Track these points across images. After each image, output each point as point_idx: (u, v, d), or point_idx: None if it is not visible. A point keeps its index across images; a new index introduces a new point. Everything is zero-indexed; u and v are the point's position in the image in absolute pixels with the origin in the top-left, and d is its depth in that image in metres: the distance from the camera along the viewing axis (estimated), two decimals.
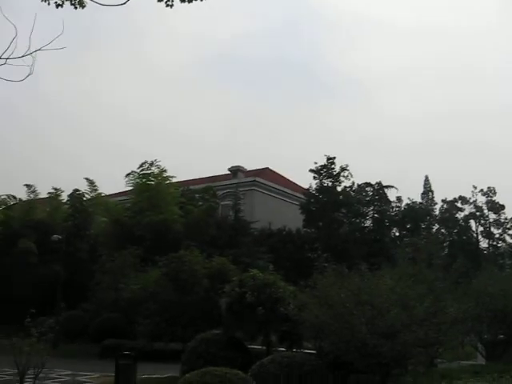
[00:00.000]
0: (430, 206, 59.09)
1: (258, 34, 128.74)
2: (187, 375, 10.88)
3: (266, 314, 14.23)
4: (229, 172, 53.32)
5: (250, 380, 10.82)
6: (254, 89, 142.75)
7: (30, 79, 8.05)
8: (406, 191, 78.40)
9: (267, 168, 57.32)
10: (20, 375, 9.88)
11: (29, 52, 7.96)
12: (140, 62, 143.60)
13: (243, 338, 16.37)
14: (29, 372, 11.00)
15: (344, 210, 44.50)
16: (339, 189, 43.88)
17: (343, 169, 43.20)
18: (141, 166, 38.18)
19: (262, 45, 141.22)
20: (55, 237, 34.85)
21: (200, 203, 40.24)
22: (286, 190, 53.63)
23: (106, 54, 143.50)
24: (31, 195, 45.58)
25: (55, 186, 45.54)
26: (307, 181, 46.00)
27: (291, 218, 45.11)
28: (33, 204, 44.29)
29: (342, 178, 43.43)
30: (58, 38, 7.92)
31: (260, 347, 16.87)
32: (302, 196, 46.04)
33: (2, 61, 8.07)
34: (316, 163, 43.29)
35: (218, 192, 43.81)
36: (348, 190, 45.05)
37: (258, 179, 50.39)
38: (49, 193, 45.77)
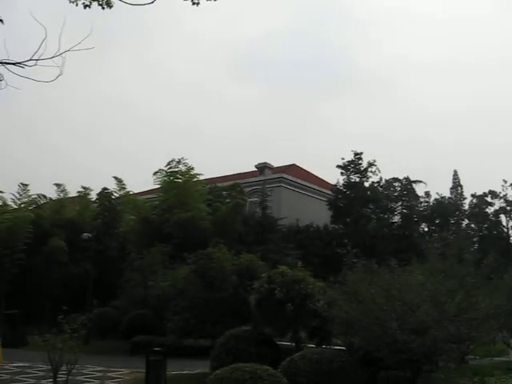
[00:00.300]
0: (459, 200, 58.25)
1: (281, 32, 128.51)
2: (217, 371, 10.92)
3: (295, 311, 14.22)
4: (256, 169, 53.35)
5: (279, 376, 10.83)
6: (280, 86, 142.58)
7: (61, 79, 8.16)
8: (434, 186, 77.63)
9: (294, 164, 57.21)
10: (53, 371, 10.03)
11: (58, 53, 8.08)
12: (162, 62, 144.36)
13: (272, 334, 16.38)
14: (62, 368, 11.15)
15: (372, 206, 44.23)
16: (367, 184, 43.66)
17: (371, 164, 42.96)
18: (168, 164, 38.42)
19: (284, 43, 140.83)
20: (85, 235, 35.26)
21: (227, 200, 40.34)
22: (313, 186, 53.46)
23: (126, 55, 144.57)
24: (61, 194, 46.26)
25: (84, 185, 46.15)
26: (334, 177, 45.92)
27: (318, 215, 45.01)
28: (63, 203, 44.93)
29: (369, 174, 43.25)
30: (86, 38, 8.03)
31: (289, 343, 16.85)
32: (330, 192, 45.88)
33: (33, 62, 8.21)
34: (343, 159, 43.16)
35: (245, 189, 43.85)
36: (376, 185, 44.76)
37: (284, 176, 50.33)
38: (78, 192, 46.38)
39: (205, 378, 13.38)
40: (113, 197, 46.61)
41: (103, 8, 9.44)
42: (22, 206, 44.37)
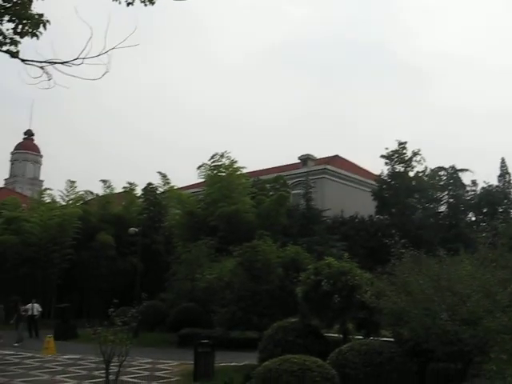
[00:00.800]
0: (508, 188, 56.85)
1: (324, 20, 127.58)
2: (266, 363, 10.97)
3: (342, 302, 14.15)
4: (299, 161, 53.18)
5: (328, 368, 10.81)
6: (322, 76, 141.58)
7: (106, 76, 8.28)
8: (481, 174, 76.14)
9: (337, 155, 56.83)
10: (105, 363, 10.23)
11: (104, 51, 8.21)
12: (203, 55, 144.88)
13: (319, 325, 16.35)
14: (113, 360, 11.36)
15: (417, 196, 43.51)
16: (411, 174, 42.97)
17: (415, 153, 42.26)
18: (212, 157, 38.70)
19: (328, 30, 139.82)
20: (132, 230, 35.78)
21: (271, 193, 40.43)
22: (356, 176, 53.00)
23: (169, 49, 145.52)
24: (107, 190, 47.03)
25: (129, 181, 46.87)
26: (378, 167, 45.39)
27: (363, 206, 44.60)
28: (109, 199, 45.69)
29: (414, 163, 42.52)
30: (131, 35, 8.12)
31: (336, 335, 16.80)
32: (374, 182, 45.39)
33: (80, 60, 8.36)
34: (387, 149, 42.55)
35: (288, 181, 43.85)
36: (421, 174, 44.00)
37: (328, 167, 50.03)
38: (123, 187, 47.13)
39: (253, 370, 13.45)
40: (158, 192, 47.24)
41: (145, 5, 9.56)
42: (70, 202, 45.37)
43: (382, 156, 42.74)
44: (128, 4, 9.31)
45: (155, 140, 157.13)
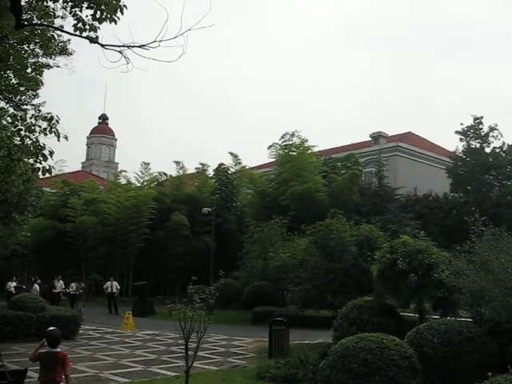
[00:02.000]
0: None
1: None
2: (343, 340, 10.94)
3: (418, 281, 13.90)
4: (370, 138, 52.47)
5: (406, 346, 10.70)
6: (393, 52, 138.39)
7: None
8: None
9: (410, 132, 55.74)
10: (185, 339, 10.48)
11: (180, 33, 8.30)
12: (271, 35, 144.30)
13: (395, 304, 16.19)
14: (191, 336, 11.63)
15: (494, 173, 41.97)
16: (488, 150, 41.43)
17: (492, 128, 40.69)
18: (282, 137, 38.73)
19: (397, 5, 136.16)
20: (205, 209, 36.37)
21: (342, 171, 40.13)
22: (430, 154, 51.80)
23: (237, 29, 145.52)
24: (180, 171, 47.94)
25: (202, 162, 47.57)
26: (453, 143, 44.14)
27: (437, 183, 43.57)
28: (182, 179, 46.59)
29: (490, 139, 40.96)
30: (206, 16, 8.17)
31: (412, 314, 16.61)
32: (448, 159, 44.16)
33: (156, 43, 8.49)
34: (462, 124, 41.18)
35: (360, 159, 43.37)
36: (498, 150, 42.37)
37: (400, 144, 49.13)
38: (196, 168, 47.90)
39: (327, 348, 13.51)
40: (229, 172, 47.81)
41: None
42: (145, 183, 46.60)
43: (457, 132, 41.40)
44: None
45: (229, 121, 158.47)
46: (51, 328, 8.60)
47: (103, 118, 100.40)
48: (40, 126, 9.09)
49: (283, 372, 13.82)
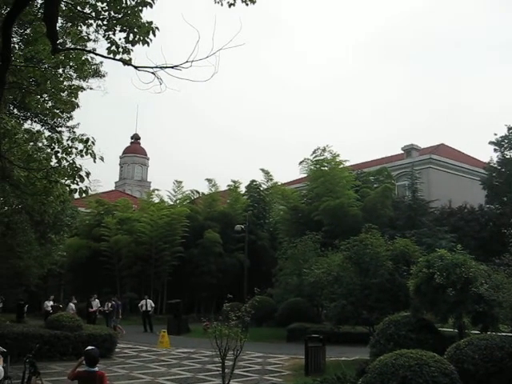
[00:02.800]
0: None
1: (420, 12, 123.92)
2: (381, 357, 10.77)
3: (456, 295, 13.65)
4: (402, 151, 52.05)
5: (446, 363, 10.49)
6: (421, 66, 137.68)
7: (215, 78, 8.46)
8: None
9: (442, 144, 55.14)
10: (221, 357, 10.49)
11: (212, 53, 8.38)
12: (298, 50, 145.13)
13: (433, 319, 15.92)
14: (228, 353, 11.62)
15: None
16: None
17: None
18: (313, 152, 38.68)
19: (423, 22, 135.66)
20: (238, 227, 36.41)
21: (375, 185, 39.89)
22: (464, 165, 51.06)
23: (266, 48, 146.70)
24: (212, 189, 48.15)
25: (233, 179, 47.72)
26: (487, 154, 43.46)
27: (472, 195, 42.92)
28: (214, 197, 46.75)
29: None
30: (237, 35, 8.24)
31: (451, 330, 16.30)
32: (483, 171, 43.49)
33: (188, 64, 8.59)
34: (496, 134, 40.56)
35: (392, 173, 43.08)
36: None
37: (433, 156, 48.57)
38: (228, 185, 48.04)
39: (365, 365, 13.33)
40: (261, 188, 47.86)
41: (247, 4, 9.67)
42: (178, 201, 46.92)
43: (491, 142, 40.78)
44: (230, 5, 9.46)
45: (256, 140, 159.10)
46: (89, 347, 8.65)
47: (135, 138, 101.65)
48: (76, 148, 9.27)
49: None
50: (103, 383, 8.49)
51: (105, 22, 8.65)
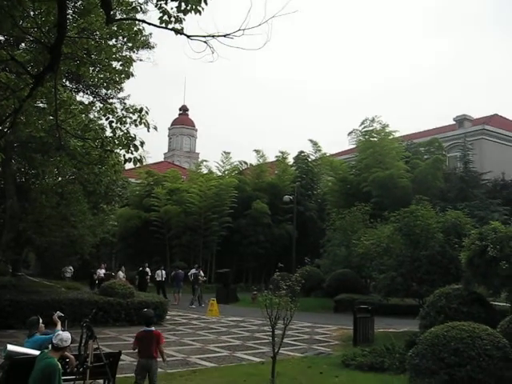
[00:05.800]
0: None
1: None
2: (432, 329, 10.69)
3: (510, 269, 13.38)
4: (454, 122, 50.83)
5: (499, 336, 10.34)
6: (473, 38, 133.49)
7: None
8: None
9: (496, 114, 53.52)
10: (271, 326, 10.59)
11: (264, 20, 8.29)
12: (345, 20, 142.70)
13: (485, 293, 15.67)
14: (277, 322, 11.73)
15: None
16: None
17: None
18: (362, 123, 38.23)
19: None
20: (287, 197, 36.37)
21: (426, 157, 39.19)
22: None
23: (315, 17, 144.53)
24: (260, 160, 48.15)
25: (282, 150, 47.59)
26: None
27: None
28: (262, 168, 46.78)
29: None
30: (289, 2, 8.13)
31: (503, 304, 16.03)
32: None
33: (240, 32, 8.52)
34: None
35: (443, 144, 42.16)
36: None
37: (487, 127, 47.24)
38: (276, 156, 47.97)
39: (414, 337, 13.28)
40: (309, 159, 47.63)
41: None
42: (226, 172, 47.18)
43: None
44: None
45: (306, 107, 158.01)
46: (145, 309, 9.09)
47: (183, 110, 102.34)
48: (131, 118, 9.39)
49: (369, 360, 13.71)
50: (160, 341, 9.41)
51: None
